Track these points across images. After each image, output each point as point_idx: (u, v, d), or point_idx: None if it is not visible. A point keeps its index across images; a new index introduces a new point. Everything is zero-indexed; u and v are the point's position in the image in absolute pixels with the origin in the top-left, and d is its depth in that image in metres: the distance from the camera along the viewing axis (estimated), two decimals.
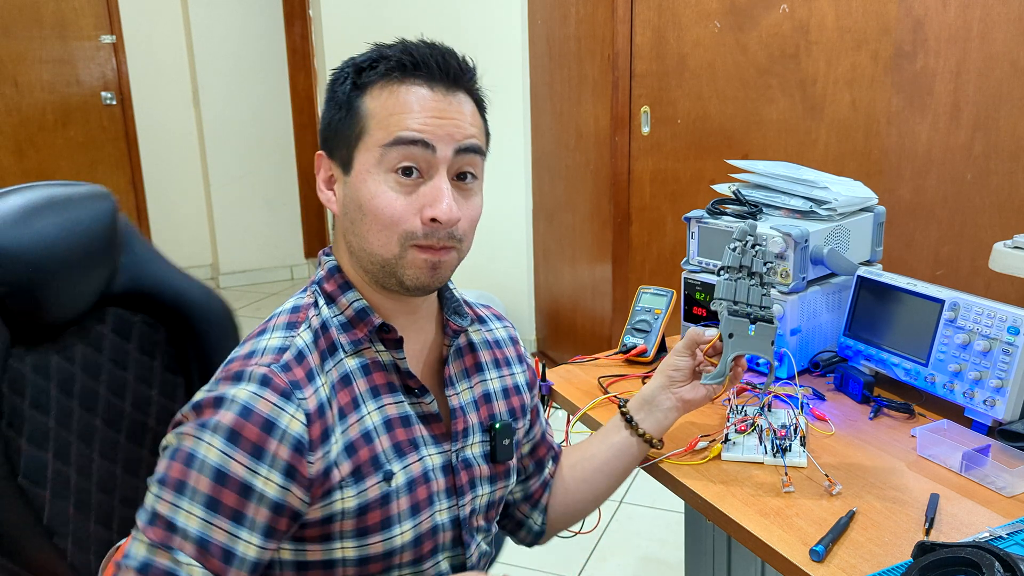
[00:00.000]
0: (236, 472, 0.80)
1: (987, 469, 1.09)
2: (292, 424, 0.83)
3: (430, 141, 0.88)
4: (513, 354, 1.11)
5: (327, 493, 0.86)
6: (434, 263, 0.90)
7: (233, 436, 0.80)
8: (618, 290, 3.04)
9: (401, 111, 0.88)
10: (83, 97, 4.66)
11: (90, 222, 1.07)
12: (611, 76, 2.84)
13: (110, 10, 4.59)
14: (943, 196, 2.62)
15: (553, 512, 1.18)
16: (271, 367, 0.85)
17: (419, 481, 0.93)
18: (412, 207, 0.88)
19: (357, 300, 0.93)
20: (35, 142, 4.62)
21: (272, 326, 0.91)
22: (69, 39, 4.58)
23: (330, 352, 0.90)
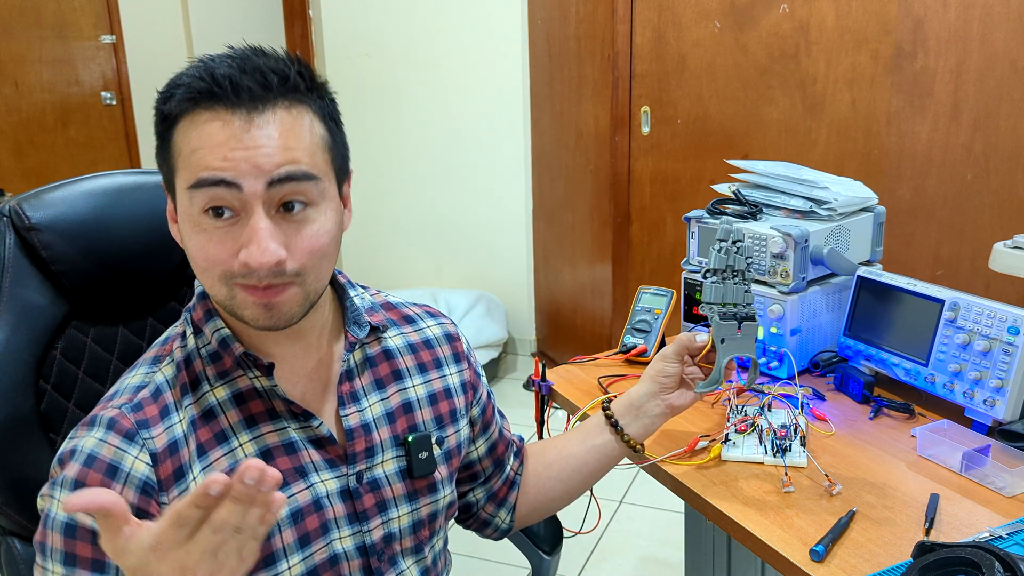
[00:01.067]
0: (84, 522, 0.77)
1: (987, 469, 1.09)
2: (136, 466, 0.80)
3: (231, 179, 0.77)
4: (448, 353, 1.04)
5: None
6: (266, 304, 0.81)
7: (77, 487, 0.78)
8: (618, 290, 3.04)
9: (201, 146, 0.78)
10: (83, 97, 4.66)
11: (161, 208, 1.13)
12: (611, 76, 2.84)
13: (110, 10, 4.59)
14: (943, 196, 2.62)
15: (523, 508, 1.15)
16: (121, 408, 0.83)
17: (307, 511, 0.87)
18: (228, 249, 0.79)
19: (219, 329, 0.87)
20: (35, 142, 4.62)
21: (141, 360, 0.89)
22: (69, 39, 4.58)
23: (192, 387, 0.86)
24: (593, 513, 1.31)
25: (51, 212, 1.06)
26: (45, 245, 1.04)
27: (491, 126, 3.51)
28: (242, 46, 0.83)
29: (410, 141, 3.65)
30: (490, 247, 3.67)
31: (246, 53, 0.81)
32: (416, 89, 3.58)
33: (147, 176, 1.15)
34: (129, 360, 1.06)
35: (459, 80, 3.50)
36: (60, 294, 1.06)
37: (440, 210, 3.69)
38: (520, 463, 1.16)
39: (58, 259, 1.05)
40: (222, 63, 0.79)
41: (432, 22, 3.49)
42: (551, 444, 1.17)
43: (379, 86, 3.63)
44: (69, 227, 1.06)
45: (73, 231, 1.06)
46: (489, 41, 3.42)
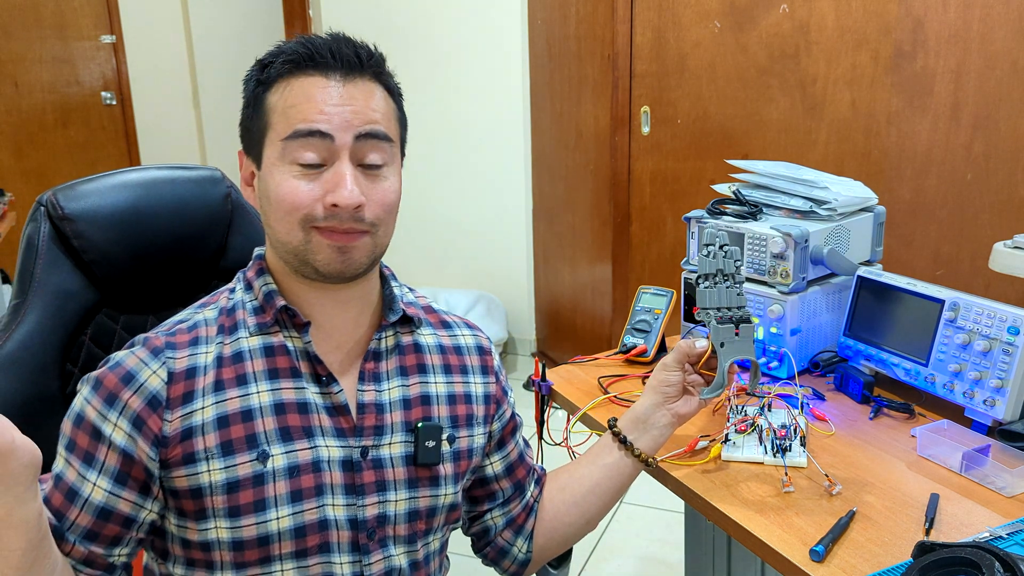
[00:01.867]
0: (89, 415, 0.87)
1: (987, 469, 1.09)
2: (151, 379, 0.88)
3: (327, 130, 0.88)
4: (476, 363, 1.07)
5: (189, 460, 0.88)
6: (341, 247, 0.89)
7: (96, 384, 0.88)
8: (618, 290, 3.04)
9: (298, 102, 0.89)
10: (83, 97, 4.66)
11: (196, 203, 1.19)
12: (611, 76, 2.84)
13: (110, 10, 4.59)
14: (943, 196, 2.62)
15: (540, 538, 1.14)
16: (158, 333, 0.92)
17: (305, 468, 0.91)
18: (314, 193, 0.88)
19: (267, 285, 0.95)
20: (35, 142, 4.62)
21: (197, 304, 0.98)
22: (69, 39, 4.58)
23: (230, 330, 0.94)
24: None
25: (84, 203, 1.10)
26: (77, 235, 1.09)
27: (491, 126, 3.51)
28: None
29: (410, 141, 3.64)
30: (490, 247, 3.67)
31: (338, 35, 0.92)
32: (416, 89, 3.58)
33: (179, 171, 1.21)
34: None
35: (459, 80, 3.50)
36: (91, 282, 1.11)
37: (440, 210, 3.69)
38: (540, 491, 1.15)
39: (89, 248, 1.10)
40: (316, 39, 0.91)
41: (432, 22, 3.49)
42: (563, 469, 1.17)
43: None
44: (101, 218, 1.11)
45: (105, 222, 1.11)
46: (489, 41, 3.42)
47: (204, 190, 1.23)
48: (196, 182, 1.23)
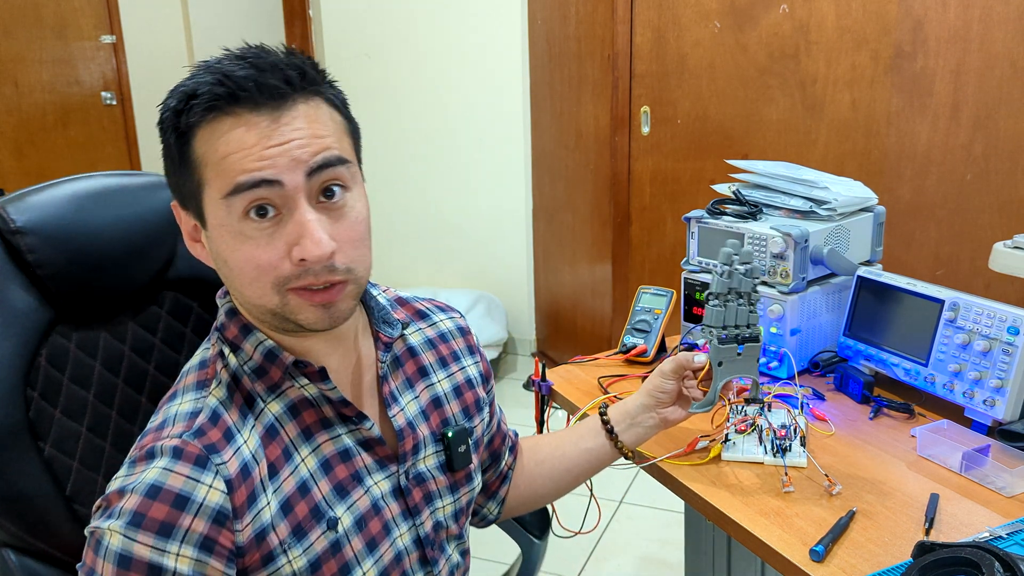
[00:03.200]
0: (140, 554, 0.74)
1: (987, 469, 1.09)
2: (211, 496, 0.76)
3: (273, 177, 0.76)
4: (463, 346, 1.06)
5: (268, 559, 0.80)
6: (324, 305, 0.80)
7: (135, 519, 0.74)
8: (618, 290, 3.04)
9: (231, 151, 0.76)
10: (83, 97, 4.66)
11: (144, 210, 1.11)
12: (611, 76, 2.84)
13: (110, 10, 4.59)
14: (943, 196, 2.62)
15: (512, 501, 1.18)
16: (183, 436, 0.78)
17: (369, 516, 0.88)
18: (278, 251, 0.78)
19: (262, 342, 0.85)
20: (35, 142, 4.62)
21: (182, 388, 0.85)
22: (69, 39, 4.58)
23: (249, 405, 0.84)
24: (593, 513, 1.31)
25: (36, 215, 1.02)
26: (31, 249, 1.01)
27: (491, 126, 3.51)
28: (239, 47, 0.81)
29: (410, 141, 3.65)
30: (490, 247, 3.67)
31: (252, 52, 0.80)
32: (416, 89, 3.58)
33: (130, 178, 1.14)
34: (112, 365, 1.06)
35: (459, 80, 3.50)
36: (45, 299, 1.02)
37: (440, 210, 3.69)
38: (514, 458, 1.18)
39: (44, 263, 1.01)
40: (234, 66, 0.77)
41: (432, 22, 3.49)
42: (545, 441, 1.19)
43: (379, 86, 3.63)
44: (54, 230, 1.02)
45: (59, 234, 1.03)
46: (489, 41, 3.42)
47: (152, 196, 1.14)
48: (144, 188, 1.15)
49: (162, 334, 1.14)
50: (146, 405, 1.12)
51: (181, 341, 1.16)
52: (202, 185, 0.79)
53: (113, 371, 1.07)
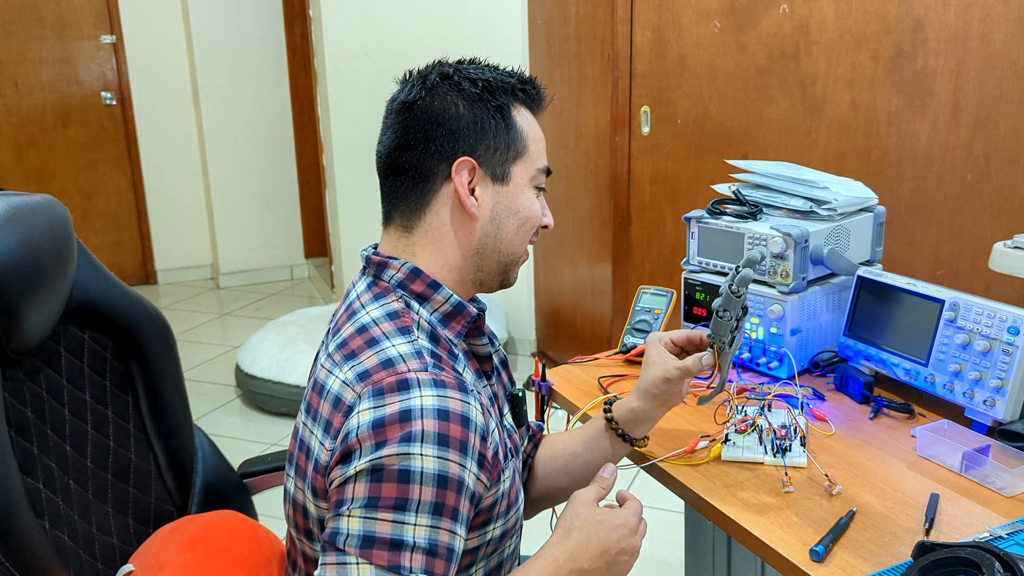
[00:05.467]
0: (453, 472, 0.82)
1: (987, 469, 1.09)
2: (478, 415, 0.86)
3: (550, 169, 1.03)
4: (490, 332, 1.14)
5: (499, 476, 0.91)
6: (524, 262, 1.04)
7: (442, 440, 0.82)
8: (618, 290, 3.04)
9: (540, 138, 1.02)
10: (83, 97, 4.66)
11: (50, 235, 0.99)
12: (611, 76, 2.84)
13: (110, 10, 4.59)
14: (943, 196, 2.62)
15: (532, 493, 1.20)
16: (428, 370, 0.87)
17: (509, 452, 0.98)
18: (543, 215, 1.02)
19: (452, 296, 0.96)
20: (35, 142, 4.62)
21: (381, 334, 0.91)
22: (69, 39, 4.58)
23: (449, 348, 0.95)
24: None
25: None
26: None
27: None
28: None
29: None
30: None
31: (519, 74, 1.03)
32: None
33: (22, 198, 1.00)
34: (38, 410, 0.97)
35: None
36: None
37: None
38: (534, 448, 1.21)
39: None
40: (527, 76, 1.03)
41: (432, 22, 3.49)
42: (556, 438, 1.23)
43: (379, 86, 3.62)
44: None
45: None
46: (489, 41, 3.42)
47: (55, 219, 1.00)
48: (40, 210, 0.99)
49: (66, 373, 1.06)
50: (72, 454, 1.02)
51: (82, 379, 1.08)
52: (522, 153, 0.99)
53: (42, 419, 0.99)
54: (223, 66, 4.69)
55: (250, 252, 5.03)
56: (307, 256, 5.20)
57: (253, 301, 4.77)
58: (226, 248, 4.96)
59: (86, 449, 1.07)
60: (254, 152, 4.88)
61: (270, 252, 5.09)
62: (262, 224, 5.02)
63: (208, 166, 4.81)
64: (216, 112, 4.74)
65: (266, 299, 4.81)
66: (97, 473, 1.08)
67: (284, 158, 5.00)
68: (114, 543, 1.08)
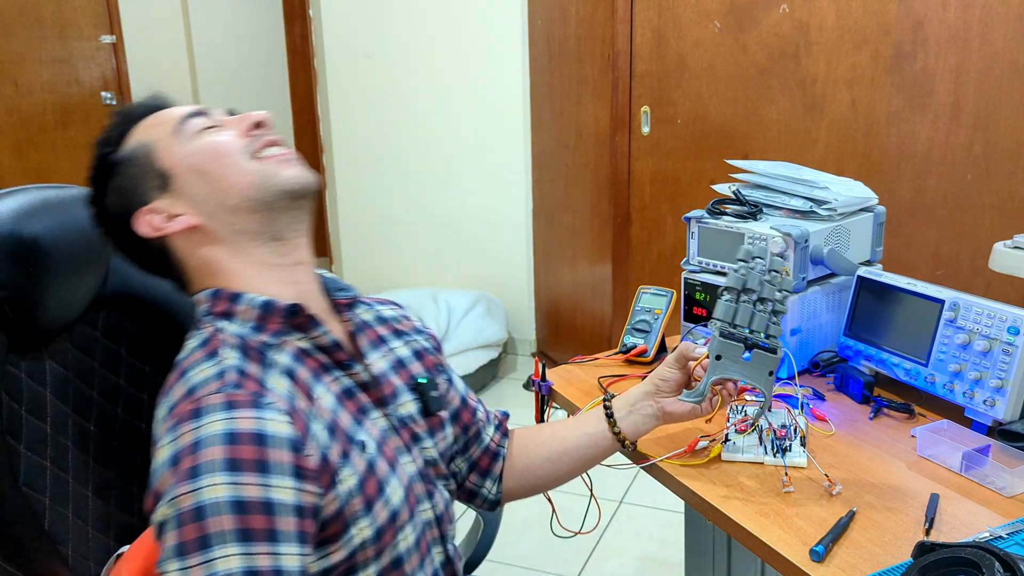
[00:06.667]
0: (252, 495, 0.77)
1: (987, 469, 1.09)
2: (280, 428, 0.81)
3: (199, 109, 0.96)
4: (409, 327, 1.12)
5: (332, 481, 0.86)
6: (288, 159, 0.93)
7: (232, 465, 0.77)
8: (618, 290, 3.04)
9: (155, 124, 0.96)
10: (83, 97, 4.66)
11: (84, 224, 1.04)
12: (611, 76, 2.84)
13: (110, 10, 4.59)
14: (943, 196, 2.62)
15: (510, 481, 1.19)
16: (222, 391, 0.81)
17: (382, 442, 0.95)
18: (233, 132, 0.93)
19: (254, 298, 0.91)
20: (35, 142, 4.62)
21: (189, 364, 0.87)
22: (69, 39, 4.58)
23: (263, 357, 0.88)
24: (593, 513, 1.31)
25: None
26: None
27: (491, 126, 3.51)
28: None
29: (410, 141, 3.65)
30: (490, 247, 3.67)
31: None
32: (416, 89, 3.58)
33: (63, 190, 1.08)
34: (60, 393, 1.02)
35: (459, 80, 3.50)
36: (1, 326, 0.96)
37: (440, 210, 3.69)
38: (502, 436, 1.20)
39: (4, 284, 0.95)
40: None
41: (432, 22, 3.49)
42: (547, 425, 1.22)
43: (379, 86, 3.63)
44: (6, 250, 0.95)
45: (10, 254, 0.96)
46: (489, 41, 3.42)
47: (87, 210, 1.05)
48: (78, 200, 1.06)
49: (100, 357, 1.10)
50: (96, 433, 1.07)
51: (118, 363, 1.12)
52: (147, 157, 0.93)
53: (63, 399, 1.03)
54: (223, 66, 4.69)
55: None
56: None
57: None
58: None
59: (114, 429, 1.12)
60: None
61: None
62: None
63: None
64: None
65: None
66: (124, 454, 1.13)
67: None
68: (133, 522, 1.12)
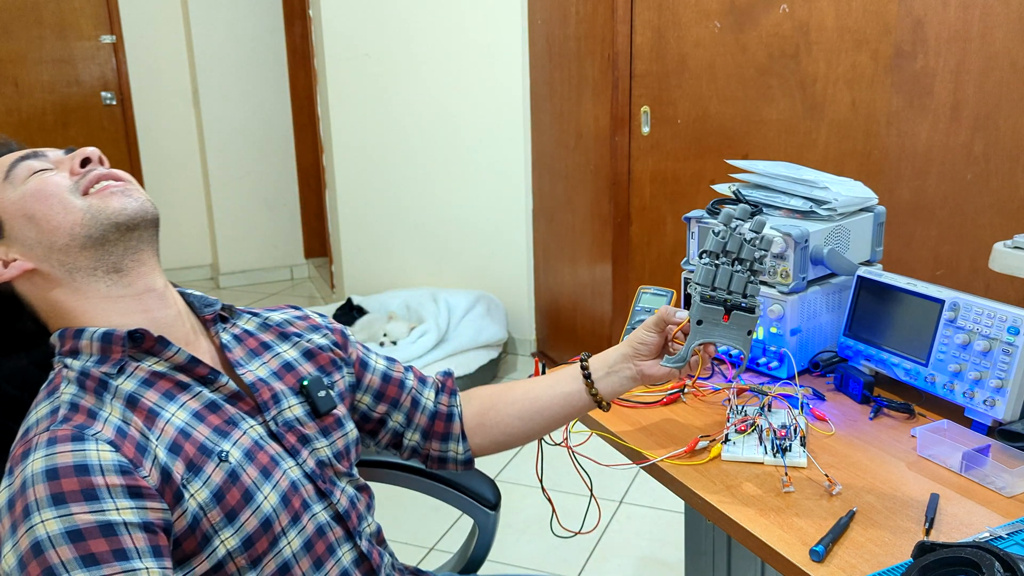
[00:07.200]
0: (86, 521, 0.77)
1: (987, 469, 1.09)
2: (103, 455, 0.81)
3: (35, 150, 0.96)
4: (304, 327, 1.12)
5: (177, 496, 0.85)
6: (121, 190, 0.93)
7: (57, 499, 0.77)
8: (618, 290, 3.04)
9: None
10: (83, 97, 4.66)
11: None
12: (611, 76, 2.84)
13: (110, 10, 4.59)
14: (943, 196, 2.62)
15: (477, 438, 1.19)
16: (50, 429, 0.82)
17: (255, 450, 0.94)
18: (59, 175, 0.92)
19: (95, 331, 0.91)
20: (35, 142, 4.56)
21: (33, 404, 0.89)
22: (69, 39, 4.58)
23: (103, 387, 0.88)
24: (593, 513, 1.31)
25: None
26: None
27: (491, 126, 3.51)
28: None
29: (410, 141, 3.65)
30: (490, 247, 3.67)
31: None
32: (416, 89, 3.58)
33: None
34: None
35: (459, 80, 3.50)
36: None
37: (440, 210, 3.69)
38: (448, 396, 1.19)
39: None
40: None
41: (432, 22, 3.49)
42: (519, 384, 1.21)
43: (379, 86, 3.63)
44: None
45: None
46: (489, 41, 3.42)
47: None
48: None
49: None
50: None
51: None
52: None
53: None
54: (223, 66, 4.69)
55: (250, 252, 5.03)
56: (307, 256, 5.20)
57: (253, 301, 4.77)
58: (226, 248, 4.96)
59: None
60: (254, 152, 4.88)
61: (270, 252, 5.09)
62: (262, 224, 5.02)
63: (208, 166, 4.81)
64: (216, 112, 4.74)
65: (266, 299, 4.81)
66: None
67: (284, 158, 5.00)
68: None
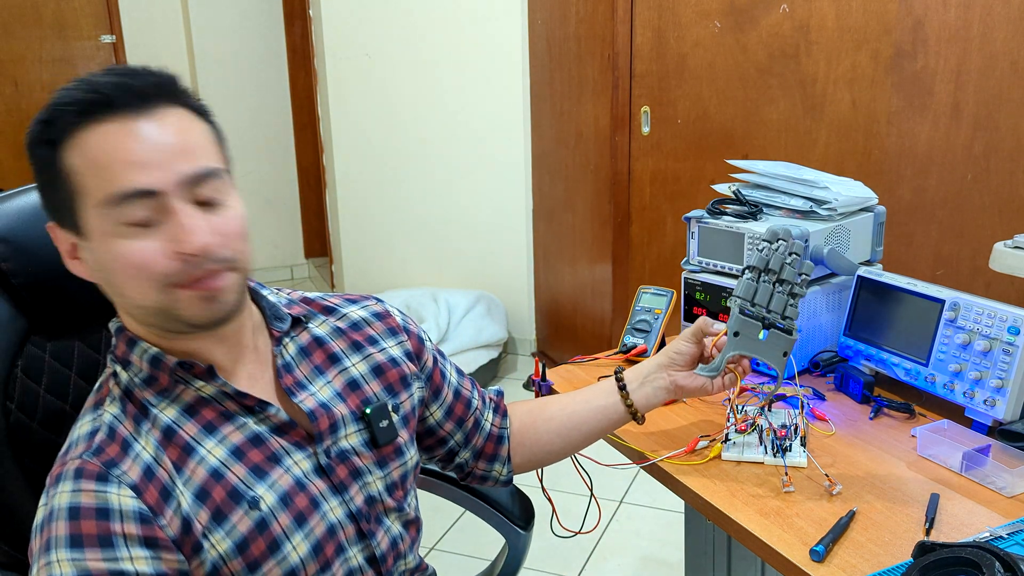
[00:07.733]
0: (97, 569, 0.76)
1: (987, 469, 1.09)
2: (124, 501, 0.80)
3: (148, 187, 0.79)
4: (381, 330, 1.06)
5: (196, 547, 0.83)
6: (207, 296, 0.83)
7: (74, 541, 0.77)
8: (618, 290, 3.04)
9: (106, 160, 0.79)
10: None
11: None
12: (611, 76, 2.84)
13: (110, 10, 4.59)
14: (943, 196, 2.62)
15: (518, 458, 1.18)
16: (83, 457, 0.82)
17: (293, 492, 0.90)
18: (159, 250, 0.80)
19: (147, 351, 0.87)
20: None
21: (83, 411, 0.88)
22: (69, 39, 4.58)
23: (143, 413, 0.86)
24: (593, 513, 1.31)
25: (6, 223, 1.01)
26: (4, 258, 0.99)
27: (491, 126, 3.51)
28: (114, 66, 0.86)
29: (410, 141, 3.65)
30: (490, 247, 3.67)
31: (117, 68, 0.84)
32: (416, 89, 3.58)
33: None
34: (88, 374, 1.05)
35: (459, 80, 3.50)
36: (19, 309, 1.01)
37: (440, 210, 3.69)
38: (502, 418, 1.18)
39: (19, 272, 1.00)
40: (101, 78, 0.81)
41: (432, 22, 3.49)
42: (553, 400, 1.20)
43: (379, 86, 3.63)
44: (26, 238, 1.00)
45: (30, 242, 1.00)
46: (489, 41, 3.42)
47: None
48: None
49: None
50: None
51: None
52: (75, 195, 0.81)
53: (88, 380, 1.05)
54: (223, 66, 4.69)
55: None
56: (307, 256, 5.20)
57: None
58: None
59: None
60: (254, 152, 4.88)
61: (270, 252, 5.09)
62: (262, 224, 5.02)
63: None
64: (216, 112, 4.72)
65: None
66: None
67: (284, 158, 4.99)
68: None
